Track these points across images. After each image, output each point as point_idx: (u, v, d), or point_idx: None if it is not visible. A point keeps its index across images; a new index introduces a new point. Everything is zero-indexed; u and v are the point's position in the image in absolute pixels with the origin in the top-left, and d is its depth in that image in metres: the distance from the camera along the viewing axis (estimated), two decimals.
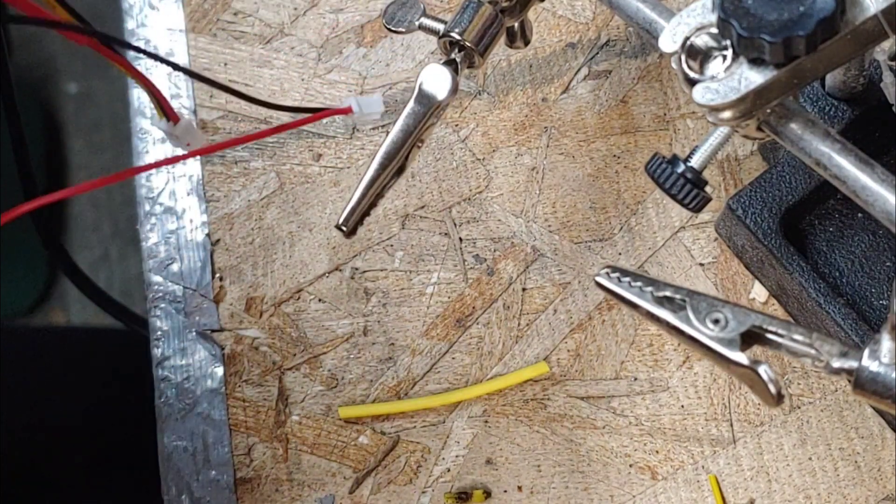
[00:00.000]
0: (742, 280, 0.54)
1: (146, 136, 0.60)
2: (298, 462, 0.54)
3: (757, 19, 0.36)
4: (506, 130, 0.58)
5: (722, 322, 0.37)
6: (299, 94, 0.60)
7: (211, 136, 0.60)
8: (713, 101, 0.38)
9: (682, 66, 0.39)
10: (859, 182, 0.38)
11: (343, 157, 0.59)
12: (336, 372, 0.55)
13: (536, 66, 0.59)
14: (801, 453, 0.51)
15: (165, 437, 0.55)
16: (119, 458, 0.73)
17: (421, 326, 0.55)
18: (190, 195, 0.59)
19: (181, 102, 0.61)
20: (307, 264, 0.57)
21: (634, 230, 0.56)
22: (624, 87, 0.58)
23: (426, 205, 0.57)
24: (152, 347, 0.56)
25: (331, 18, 0.62)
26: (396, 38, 0.61)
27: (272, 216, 0.58)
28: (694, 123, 0.57)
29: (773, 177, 0.51)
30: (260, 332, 0.56)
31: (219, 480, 0.54)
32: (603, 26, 0.60)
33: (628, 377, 0.53)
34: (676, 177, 0.42)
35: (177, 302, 0.57)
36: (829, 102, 0.50)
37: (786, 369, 0.52)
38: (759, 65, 0.37)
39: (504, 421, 0.53)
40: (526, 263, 0.56)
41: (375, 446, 0.53)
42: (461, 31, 0.47)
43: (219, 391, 0.55)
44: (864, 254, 0.51)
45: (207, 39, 0.62)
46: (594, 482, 0.52)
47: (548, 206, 0.57)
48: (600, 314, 0.54)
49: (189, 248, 0.58)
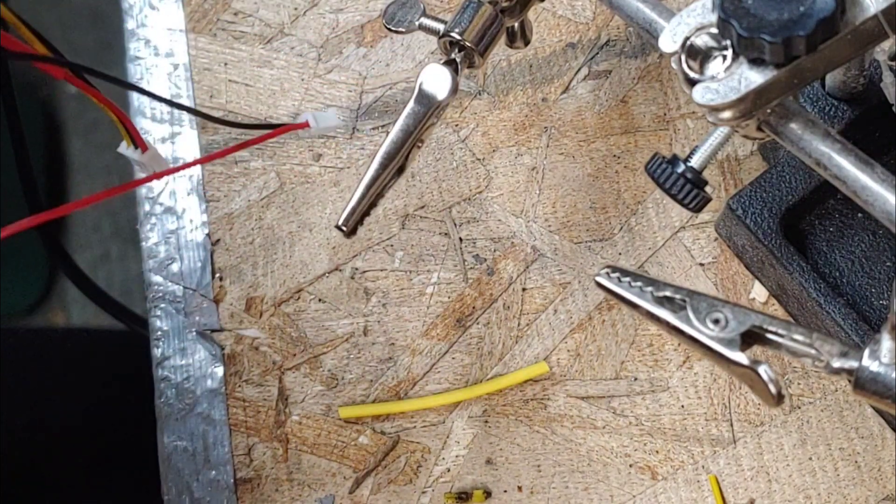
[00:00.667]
0: (742, 280, 0.54)
1: (146, 136, 0.60)
2: (298, 462, 0.54)
3: (757, 19, 0.36)
4: (506, 130, 0.58)
5: (722, 322, 0.37)
6: (299, 94, 0.60)
7: (211, 137, 0.60)
8: (713, 102, 0.38)
9: (682, 66, 0.39)
10: (859, 182, 0.38)
11: (343, 157, 0.59)
12: (336, 372, 0.55)
13: (536, 66, 0.59)
14: (801, 453, 0.51)
15: (165, 437, 0.55)
16: (119, 459, 0.73)
17: (421, 326, 0.55)
18: (190, 195, 0.59)
19: (181, 102, 0.61)
20: (307, 264, 0.57)
21: (634, 230, 0.56)
22: (624, 87, 0.58)
23: (426, 205, 0.57)
24: (152, 347, 0.56)
25: (331, 18, 0.62)
26: (396, 38, 0.61)
27: (272, 216, 0.58)
28: (694, 123, 0.57)
29: (773, 177, 0.51)
30: (260, 332, 0.56)
31: (219, 480, 0.54)
32: (603, 26, 0.60)
33: (628, 377, 0.53)
34: (676, 177, 0.42)
35: (177, 302, 0.57)
36: (830, 102, 0.50)
37: (786, 369, 0.52)
38: (759, 65, 0.37)
39: (504, 421, 0.53)
40: (526, 263, 0.56)
41: (375, 446, 0.53)
42: (461, 31, 0.47)
43: (219, 391, 0.55)
44: (865, 254, 0.51)
45: (207, 39, 0.62)
46: (594, 482, 0.52)
47: (548, 206, 0.57)
48: (600, 314, 0.54)
49: (189, 248, 0.58)
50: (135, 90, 0.54)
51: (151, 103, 0.61)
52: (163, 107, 0.61)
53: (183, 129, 0.60)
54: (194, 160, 0.57)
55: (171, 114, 0.61)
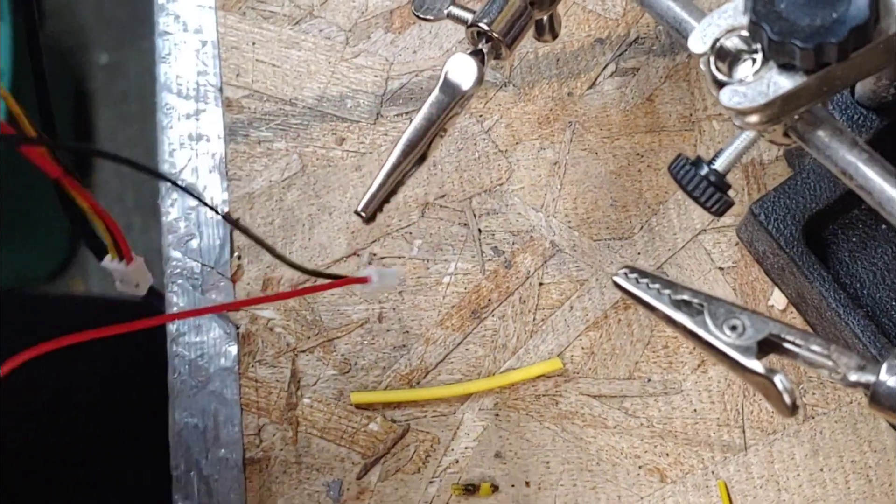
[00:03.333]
0: (761, 286, 0.53)
1: (171, 112, 0.60)
2: (308, 445, 0.54)
3: (789, 24, 0.36)
4: (530, 123, 0.58)
5: (739, 329, 0.37)
6: (325, 77, 0.60)
7: (236, 115, 0.60)
8: (740, 105, 0.37)
9: (711, 67, 0.38)
10: (885, 194, 0.37)
11: (366, 143, 0.59)
12: (349, 357, 0.55)
13: (563, 60, 0.59)
14: (812, 464, 0.50)
15: (177, 413, 0.55)
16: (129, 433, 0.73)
17: (436, 316, 0.55)
18: (212, 173, 0.59)
19: (207, 80, 0.61)
20: (325, 247, 0.57)
21: (655, 230, 0.55)
22: (651, 85, 0.58)
23: (447, 194, 0.57)
24: (167, 323, 0.57)
25: (360, 2, 0.62)
26: (425, 26, 0.61)
27: (293, 198, 0.58)
28: (720, 125, 0.57)
29: (797, 183, 0.50)
30: (275, 313, 0.56)
31: (228, 459, 0.54)
32: (633, 23, 0.59)
33: (642, 378, 0.53)
34: (699, 179, 0.42)
35: (194, 278, 0.57)
36: (858, 111, 0.50)
37: (801, 378, 0.52)
38: (788, 70, 0.37)
39: (515, 415, 0.53)
40: (544, 258, 0.55)
41: (385, 434, 0.53)
42: (489, 21, 0.47)
43: (232, 370, 0.55)
44: (887, 266, 0.51)
45: (237, 18, 0.62)
46: (602, 482, 0.51)
47: (568, 201, 0.56)
48: (616, 313, 0.54)
49: (209, 226, 0.58)
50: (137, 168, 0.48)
51: (178, 77, 0.61)
52: (189, 83, 0.61)
53: (208, 105, 0.60)
54: (250, 299, 0.56)
55: (197, 90, 0.61)
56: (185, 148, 0.60)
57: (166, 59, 0.62)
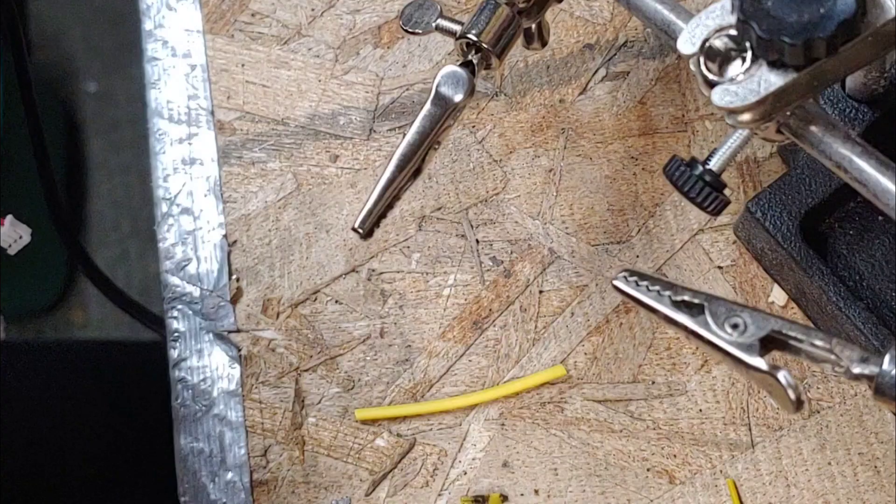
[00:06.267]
0: (761, 283, 0.53)
1: (163, 137, 0.61)
2: (315, 464, 0.53)
3: (777, 21, 0.36)
4: (523, 132, 0.58)
5: (741, 326, 0.37)
6: (316, 96, 0.60)
7: (228, 137, 0.60)
8: (732, 104, 0.37)
9: (701, 68, 0.38)
10: (880, 185, 0.37)
11: (360, 159, 0.59)
12: (352, 374, 0.55)
13: (554, 67, 0.59)
14: (820, 458, 0.50)
15: (182, 438, 0.55)
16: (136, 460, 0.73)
17: (437, 328, 0.55)
18: (207, 196, 0.59)
19: (198, 103, 0.61)
20: (324, 266, 0.57)
21: (652, 233, 0.55)
22: (642, 88, 0.58)
23: (443, 206, 0.57)
24: (169, 349, 0.57)
25: (348, 19, 0.62)
26: (413, 40, 0.61)
27: (289, 217, 0.58)
28: (713, 125, 0.57)
29: (792, 179, 0.50)
30: (277, 333, 0.56)
31: (235, 482, 0.54)
32: (621, 27, 0.59)
33: (646, 381, 0.53)
34: (695, 179, 0.42)
35: (193, 303, 0.57)
36: (850, 104, 0.50)
37: (805, 373, 0.52)
38: (778, 67, 0.37)
39: (521, 424, 0.53)
40: (543, 266, 0.55)
41: (392, 449, 0.53)
42: (478, 32, 0.47)
43: (235, 393, 0.55)
44: (885, 257, 0.51)
45: (225, 40, 0.62)
46: (611, 486, 0.51)
47: (565, 207, 0.56)
48: (618, 317, 0.54)
49: (206, 250, 0.58)
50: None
51: (169, 102, 0.61)
52: (180, 107, 0.61)
53: (200, 129, 0.60)
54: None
55: (189, 114, 0.61)
56: (178, 172, 0.60)
57: (156, 84, 0.62)
